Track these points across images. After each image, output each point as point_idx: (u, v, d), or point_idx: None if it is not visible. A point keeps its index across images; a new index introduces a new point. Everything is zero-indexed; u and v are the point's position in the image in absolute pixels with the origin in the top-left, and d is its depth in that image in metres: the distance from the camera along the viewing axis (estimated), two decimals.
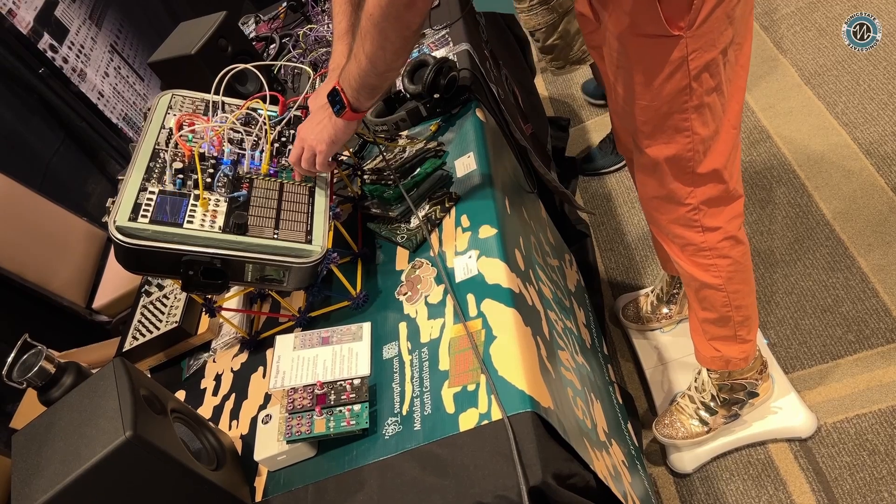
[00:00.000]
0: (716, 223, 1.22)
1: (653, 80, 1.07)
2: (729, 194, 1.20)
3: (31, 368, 1.04)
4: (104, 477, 0.80)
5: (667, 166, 1.17)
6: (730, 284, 1.29)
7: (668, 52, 1.03)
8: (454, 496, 0.83)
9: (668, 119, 1.11)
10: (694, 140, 1.12)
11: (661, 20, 0.99)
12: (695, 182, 1.17)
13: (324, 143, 1.07)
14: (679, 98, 1.07)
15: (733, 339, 1.36)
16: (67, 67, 2.35)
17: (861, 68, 2.07)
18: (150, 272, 1.03)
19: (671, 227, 1.27)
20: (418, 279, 1.12)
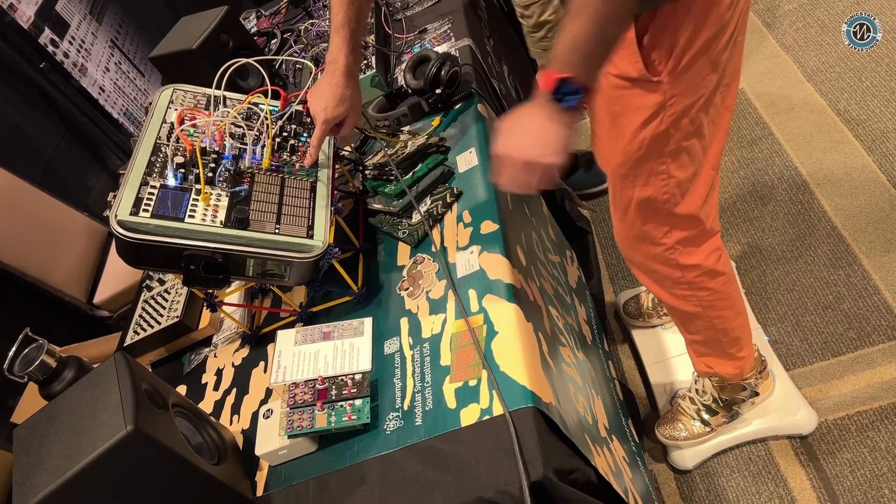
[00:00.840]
0: (693, 261, 1.20)
1: (630, 124, 1.05)
2: (705, 233, 1.18)
3: (33, 362, 1.04)
4: (106, 471, 0.80)
5: (643, 207, 1.15)
6: (712, 311, 1.28)
7: (647, 97, 1.01)
8: (455, 491, 0.83)
9: (644, 163, 1.08)
10: (670, 183, 1.10)
11: (641, 65, 0.98)
12: (670, 223, 1.15)
13: (558, 152, 0.88)
14: (656, 143, 1.05)
15: (724, 357, 1.36)
16: (68, 62, 2.34)
17: (864, 65, 2.06)
18: (152, 266, 1.03)
19: (647, 263, 1.25)
20: (420, 274, 1.12)
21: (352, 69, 1.16)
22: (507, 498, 0.80)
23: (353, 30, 1.15)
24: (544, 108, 0.87)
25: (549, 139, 0.88)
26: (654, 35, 0.95)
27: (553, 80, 0.84)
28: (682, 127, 1.03)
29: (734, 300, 1.30)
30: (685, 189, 1.11)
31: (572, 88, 0.85)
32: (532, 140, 0.88)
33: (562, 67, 0.84)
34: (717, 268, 1.22)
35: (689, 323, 1.34)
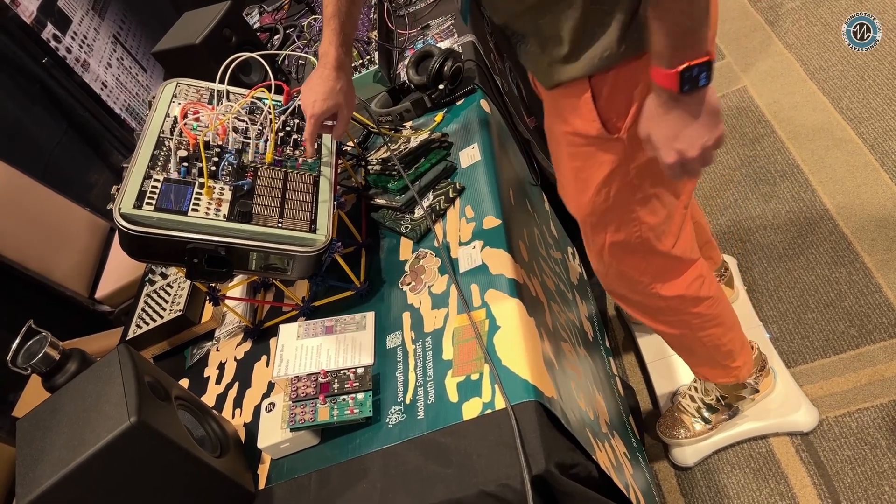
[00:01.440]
0: (675, 292, 1.19)
1: (593, 178, 1.03)
2: (684, 263, 1.17)
3: (36, 355, 1.04)
4: (109, 462, 0.80)
5: (616, 250, 1.14)
6: (701, 332, 1.27)
7: (608, 153, 0.99)
8: (457, 485, 0.83)
9: (614, 212, 1.07)
10: (642, 228, 1.08)
11: (599, 124, 0.96)
12: (646, 260, 1.14)
13: (719, 121, 0.85)
14: (623, 195, 1.04)
15: (719, 368, 1.37)
16: (71, 57, 2.35)
17: (866, 63, 2.06)
18: (155, 260, 1.03)
19: (629, 296, 1.25)
20: (422, 269, 1.12)
21: (342, 62, 1.13)
22: (508, 491, 0.80)
23: (343, 21, 1.11)
24: (682, 102, 0.82)
25: (706, 120, 0.84)
26: (609, 95, 0.94)
27: (675, 77, 0.79)
28: (648, 176, 1.02)
29: (723, 318, 1.29)
30: (659, 232, 1.10)
31: (696, 70, 0.79)
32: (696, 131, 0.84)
33: (674, 61, 0.79)
34: (700, 294, 1.21)
35: (680, 344, 1.35)
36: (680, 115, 0.83)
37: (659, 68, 0.80)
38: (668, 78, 0.80)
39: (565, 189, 1.12)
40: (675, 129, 0.84)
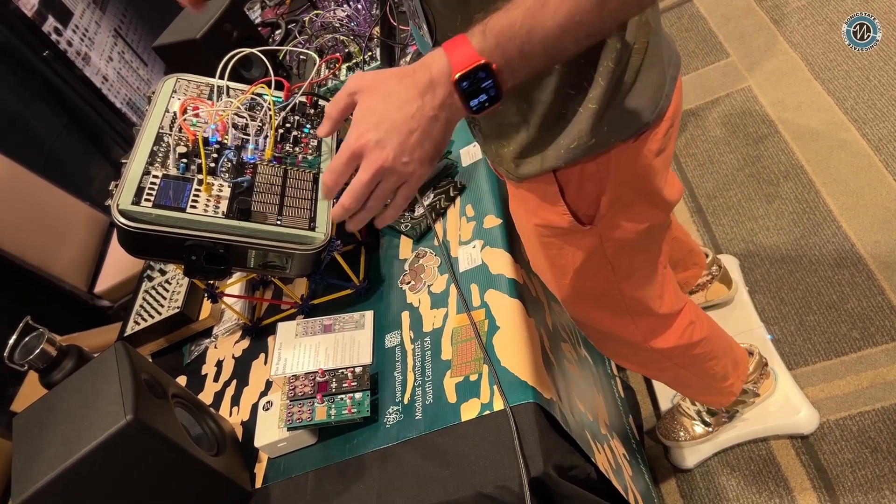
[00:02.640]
0: (668, 344, 1.16)
1: (569, 264, 0.99)
2: (672, 317, 1.15)
3: (33, 351, 1.04)
4: (105, 460, 0.80)
5: (603, 320, 1.12)
6: (696, 369, 1.26)
7: (581, 242, 0.95)
8: (455, 486, 0.82)
9: (594, 290, 1.04)
10: (626, 299, 1.06)
11: (570, 217, 0.90)
12: (634, 323, 1.11)
13: (426, 162, 0.68)
14: (601, 276, 1.00)
15: (714, 392, 1.37)
16: (72, 51, 2.34)
17: (872, 64, 2.05)
18: (153, 256, 1.03)
19: (623, 353, 1.24)
20: (422, 268, 1.11)
21: None
22: (506, 493, 0.80)
23: None
24: (436, 93, 0.64)
25: (425, 143, 0.66)
26: (577, 188, 0.88)
27: (472, 62, 0.62)
28: (626, 253, 0.98)
29: (717, 350, 1.28)
30: (644, 298, 1.07)
31: (490, 84, 0.63)
32: (403, 137, 0.65)
33: (490, 50, 0.62)
34: (693, 339, 1.19)
35: (676, 382, 1.35)
36: (413, 111, 0.64)
37: (465, 39, 0.63)
38: (464, 57, 0.62)
39: (542, 271, 1.07)
40: (391, 116, 0.65)
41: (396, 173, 0.66)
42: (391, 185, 0.67)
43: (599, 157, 0.84)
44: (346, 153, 0.66)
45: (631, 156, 0.86)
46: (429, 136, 0.65)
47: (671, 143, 0.92)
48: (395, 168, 0.66)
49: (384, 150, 0.65)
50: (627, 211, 0.92)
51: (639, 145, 0.85)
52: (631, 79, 0.79)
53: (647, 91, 0.82)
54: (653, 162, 0.88)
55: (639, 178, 0.89)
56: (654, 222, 0.97)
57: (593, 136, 0.81)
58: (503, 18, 0.62)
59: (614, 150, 0.84)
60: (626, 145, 0.84)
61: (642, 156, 0.87)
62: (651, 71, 0.81)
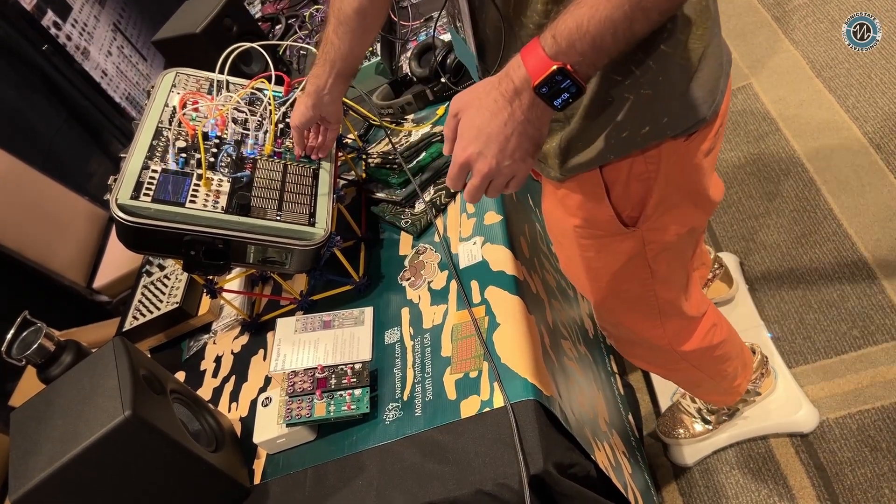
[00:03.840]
0: (692, 347, 1.17)
1: (607, 268, 0.98)
2: (697, 320, 1.16)
3: (31, 346, 1.03)
4: (102, 456, 0.80)
5: (633, 322, 1.12)
6: (712, 370, 1.27)
7: (622, 245, 0.93)
8: (454, 483, 0.82)
9: (629, 294, 1.03)
10: (660, 302, 1.05)
11: (613, 217, 0.88)
12: (664, 327, 1.11)
13: (528, 157, 0.73)
14: (638, 281, 1.00)
15: (723, 392, 1.38)
16: (71, 45, 2.33)
17: (873, 62, 2.04)
18: (152, 251, 1.02)
19: (646, 356, 1.24)
20: (422, 265, 1.11)
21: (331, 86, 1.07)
22: (506, 491, 0.80)
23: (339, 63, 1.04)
24: (522, 99, 0.69)
25: (524, 143, 0.71)
26: (624, 188, 0.86)
27: (547, 68, 0.66)
28: (665, 258, 0.97)
29: (732, 352, 1.28)
30: (675, 302, 1.08)
31: (569, 84, 0.66)
32: (501, 144, 0.71)
33: (564, 52, 0.65)
34: (714, 342, 1.19)
35: (688, 382, 1.35)
36: (504, 118, 0.70)
37: (538, 47, 0.67)
38: (539, 63, 0.66)
39: (576, 275, 1.06)
40: (486, 128, 0.71)
41: (502, 174, 0.74)
42: (501, 182, 0.75)
43: (649, 153, 0.82)
44: (455, 165, 0.75)
45: (682, 155, 0.84)
46: (525, 136, 0.71)
47: (719, 142, 0.90)
48: (500, 170, 0.73)
49: (486, 159, 0.72)
50: (672, 213, 0.90)
51: (690, 144, 0.83)
52: (692, 67, 0.78)
53: (708, 82, 0.80)
54: (702, 162, 0.87)
55: (687, 179, 0.88)
56: (696, 225, 0.96)
57: (646, 124, 0.79)
58: (570, 20, 0.65)
59: (665, 147, 0.82)
60: (678, 143, 0.82)
61: (693, 155, 0.85)
62: (711, 61, 0.79)
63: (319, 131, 1.13)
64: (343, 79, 1.07)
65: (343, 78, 1.07)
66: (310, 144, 1.13)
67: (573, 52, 0.65)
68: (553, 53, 0.66)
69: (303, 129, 1.10)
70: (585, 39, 0.65)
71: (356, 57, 1.05)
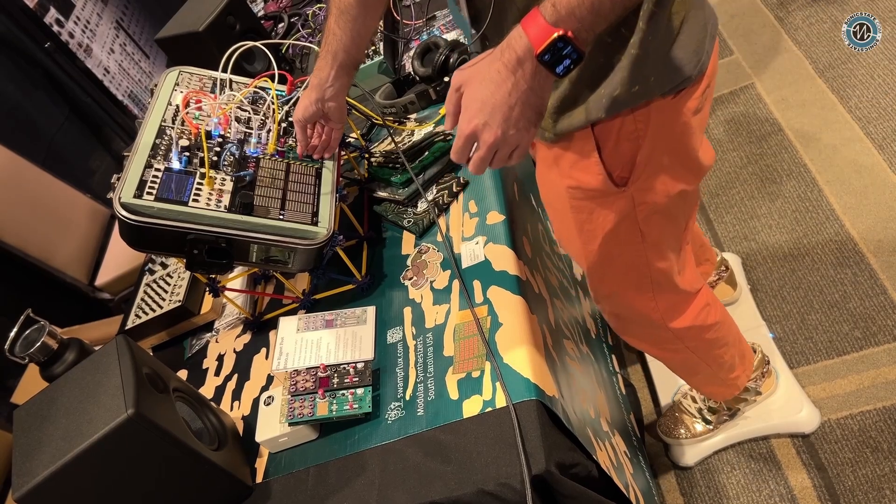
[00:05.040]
0: (684, 324, 1.18)
1: (598, 230, 0.99)
2: (691, 296, 1.16)
3: (34, 344, 1.04)
4: (105, 454, 0.80)
5: (626, 292, 1.12)
6: (707, 355, 1.27)
7: (614, 205, 0.95)
8: (456, 483, 0.82)
9: (621, 260, 1.05)
10: (652, 271, 1.07)
11: (604, 177, 0.91)
12: (656, 300, 1.12)
13: (531, 126, 0.75)
14: (630, 244, 1.01)
15: (720, 383, 1.37)
16: (73, 42, 2.33)
17: (876, 62, 2.04)
18: (154, 250, 1.02)
19: (638, 332, 1.24)
20: (424, 264, 1.11)
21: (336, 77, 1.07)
22: (507, 491, 0.80)
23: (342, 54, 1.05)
24: (525, 68, 0.70)
25: (527, 112, 0.73)
26: (614, 147, 0.89)
27: (549, 35, 0.67)
28: (656, 223, 0.99)
29: (727, 338, 1.29)
30: (667, 273, 1.09)
31: (570, 51, 0.68)
32: (505, 114, 0.73)
33: (564, 20, 0.67)
34: (708, 322, 1.20)
35: (683, 367, 1.35)
36: (508, 88, 0.71)
37: (538, 16, 0.68)
38: (541, 31, 0.68)
39: (569, 239, 1.08)
40: (491, 99, 0.72)
41: (508, 143, 0.75)
42: (506, 152, 0.76)
43: (638, 112, 0.85)
44: (461, 138, 0.76)
45: (669, 113, 0.87)
46: (528, 105, 0.73)
47: (707, 104, 0.93)
48: (506, 140, 0.74)
49: (492, 129, 0.73)
50: (662, 173, 0.93)
51: (678, 102, 0.87)
52: (675, 27, 0.81)
53: (691, 43, 0.83)
54: (690, 120, 0.90)
55: (676, 138, 0.91)
56: (686, 187, 0.98)
57: (636, 83, 0.82)
58: None
59: (654, 106, 0.85)
60: (666, 101, 0.86)
61: (681, 113, 0.88)
62: (694, 23, 0.83)
63: (323, 130, 1.13)
64: (346, 70, 1.07)
65: (346, 70, 1.06)
66: (312, 143, 1.13)
67: (573, 18, 0.67)
68: (553, 21, 0.68)
69: (305, 123, 1.10)
70: (584, 6, 0.67)
71: (359, 48, 1.06)
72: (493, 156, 0.76)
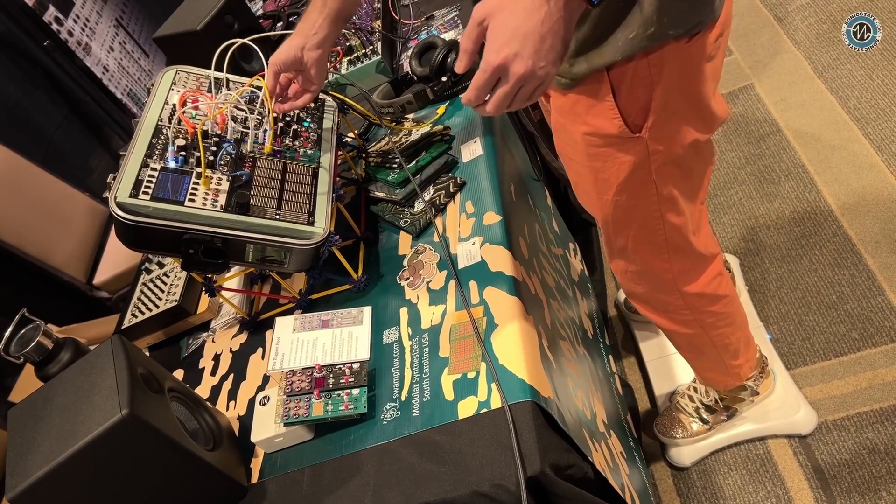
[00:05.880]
0: (695, 290, 1.18)
1: (613, 178, 1.00)
2: (705, 260, 1.17)
3: (29, 343, 1.03)
4: (99, 454, 0.80)
5: (640, 248, 1.12)
6: (713, 331, 1.27)
7: (629, 152, 0.96)
8: (451, 484, 0.82)
9: (636, 212, 1.05)
10: (666, 227, 1.07)
11: (620, 122, 0.92)
12: (670, 259, 1.13)
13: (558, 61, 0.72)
14: (645, 194, 1.02)
15: (722, 370, 1.36)
16: (72, 41, 2.32)
17: (875, 63, 2.04)
18: (150, 250, 1.02)
19: (649, 294, 1.24)
20: (420, 264, 1.11)
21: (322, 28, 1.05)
22: (502, 492, 0.79)
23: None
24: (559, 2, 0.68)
25: (557, 44, 0.70)
26: (629, 91, 0.90)
27: None
28: (670, 176, 1.00)
29: (735, 317, 1.28)
30: (683, 230, 1.09)
31: None
32: (537, 44, 0.69)
33: None
34: (718, 292, 1.20)
35: (689, 344, 1.34)
36: (542, 17, 0.68)
37: None
38: None
39: (585, 190, 1.09)
40: (522, 28, 0.68)
41: (536, 77, 0.71)
42: (531, 88, 0.72)
43: (652, 55, 0.86)
44: (489, 70, 0.70)
45: (683, 57, 0.88)
46: (558, 36, 0.70)
47: (720, 54, 0.94)
48: (535, 73, 0.70)
49: (524, 60, 0.69)
50: (675, 120, 0.93)
51: (691, 47, 0.87)
52: None
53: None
54: (704, 66, 0.90)
55: (689, 84, 0.91)
56: (699, 136, 0.98)
57: (652, 25, 0.82)
58: None
59: (668, 50, 0.85)
60: (680, 45, 0.86)
61: (694, 59, 0.89)
62: None
63: (297, 82, 1.10)
64: (334, 21, 1.04)
65: (334, 21, 1.04)
66: (279, 90, 1.10)
67: None
68: None
69: (280, 69, 1.07)
70: None
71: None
72: (517, 92, 0.72)
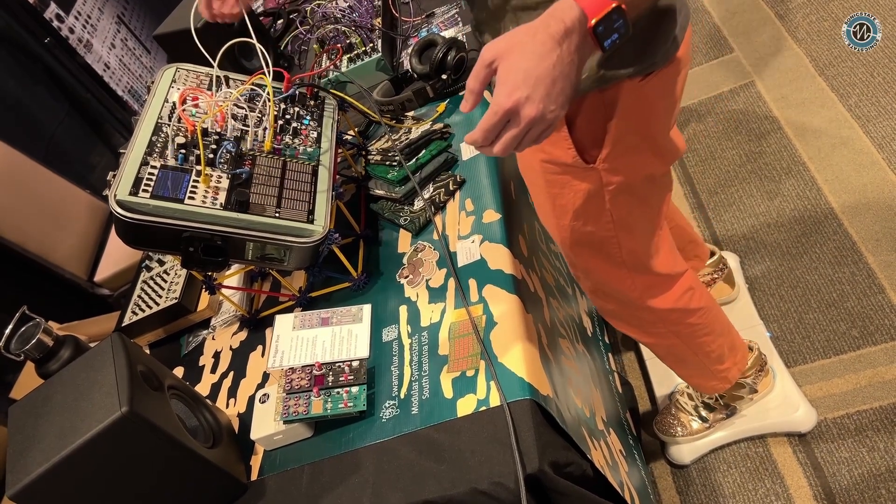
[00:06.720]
0: (666, 305, 1.18)
1: (570, 204, 1.02)
2: (672, 278, 1.17)
3: (29, 340, 1.04)
4: (99, 451, 0.80)
5: (601, 269, 1.14)
6: (692, 341, 1.27)
7: (584, 181, 0.98)
8: (450, 481, 0.82)
9: (593, 236, 1.07)
10: (623, 251, 1.08)
11: (574, 152, 0.95)
12: (632, 278, 1.13)
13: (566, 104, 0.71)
14: (600, 221, 1.03)
15: (709, 375, 1.36)
16: (73, 38, 2.32)
17: (876, 60, 2.03)
18: (150, 247, 1.02)
19: (620, 311, 1.24)
20: (420, 262, 1.11)
21: None
22: (501, 490, 0.80)
23: None
24: (571, 40, 0.67)
25: (566, 88, 0.69)
26: (583, 124, 0.93)
27: (606, 6, 0.66)
28: (624, 203, 1.01)
29: (714, 326, 1.28)
30: (639, 253, 1.10)
31: (621, 24, 0.67)
32: (548, 87, 0.68)
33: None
34: (691, 306, 1.20)
35: (670, 355, 1.34)
36: (553, 60, 0.67)
37: None
38: (597, 3, 0.67)
39: (545, 214, 1.12)
40: (534, 71, 0.67)
41: (545, 121, 0.70)
42: (539, 131, 0.71)
43: (607, 91, 0.88)
44: (499, 112, 0.69)
45: (638, 95, 0.89)
46: (568, 80, 0.70)
47: (678, 90, 0.95)
48: (544, 117, 0.70)
49: (535, 103, 0.68)
50: (629, 154, 0.95)
51: (645, 85, 0.88)
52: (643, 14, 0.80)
53: (660, 29, 0.85)
54: (658, 104, 0.92)
55: (643, 119, 0.93)
56: (654, 171, 1.00)
57: (601, 68, 0.85)
58: None
59: (623, 86, 0.87)
60: (634, 83, 0.87)
61: (649, 97, 0.90)
62: (664, 11, 0.85)
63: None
64: None
65: None
66: None
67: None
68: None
69: None
70: None
71: None
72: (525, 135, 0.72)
